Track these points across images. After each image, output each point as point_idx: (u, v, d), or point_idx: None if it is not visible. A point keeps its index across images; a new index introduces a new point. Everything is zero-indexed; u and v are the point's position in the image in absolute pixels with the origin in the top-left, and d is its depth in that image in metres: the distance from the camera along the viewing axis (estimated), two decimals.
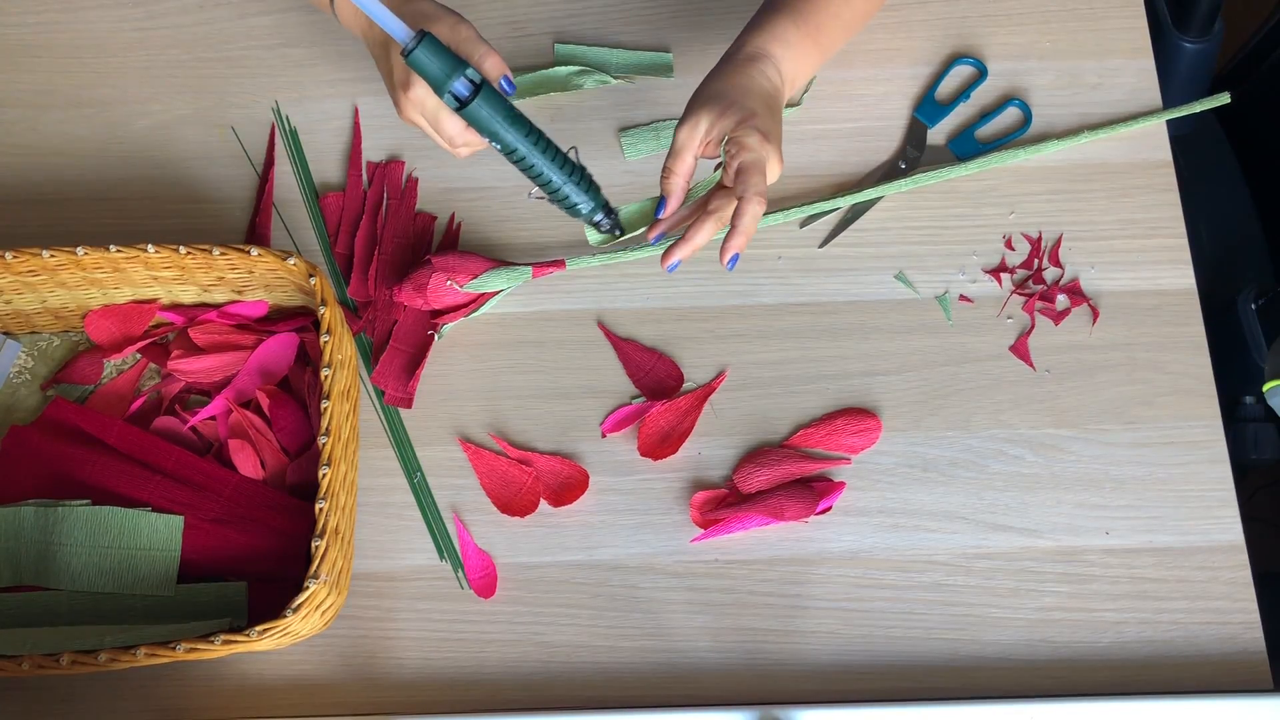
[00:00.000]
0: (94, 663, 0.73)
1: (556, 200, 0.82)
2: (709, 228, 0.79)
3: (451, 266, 0.90)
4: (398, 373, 0.91)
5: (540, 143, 0.79)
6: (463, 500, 0.88)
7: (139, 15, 1.04)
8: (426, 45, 0.74)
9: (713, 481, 0.88)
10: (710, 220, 0.78)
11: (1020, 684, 0.82)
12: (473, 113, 0.76)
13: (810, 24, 0.84)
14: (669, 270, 0.80)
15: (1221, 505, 0.86)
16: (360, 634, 0.85)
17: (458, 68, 0.75)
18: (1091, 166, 0.96)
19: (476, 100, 0.75)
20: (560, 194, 0.81)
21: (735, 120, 0.77)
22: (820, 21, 0.84)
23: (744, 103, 0.78)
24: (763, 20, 0.83)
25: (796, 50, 0.83)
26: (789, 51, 0.82)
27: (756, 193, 0.76)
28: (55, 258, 0.83)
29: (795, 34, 0.83)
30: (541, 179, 0.80)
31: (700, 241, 0.79)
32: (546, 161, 0.79)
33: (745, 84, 0.80)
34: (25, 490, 0.85)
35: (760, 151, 0.76)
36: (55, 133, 1.01)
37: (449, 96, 0.76)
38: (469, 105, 0.76)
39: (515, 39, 1.02)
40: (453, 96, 0.76)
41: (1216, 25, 1.15)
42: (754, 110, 0.78)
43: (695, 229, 0.79)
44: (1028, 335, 0.91)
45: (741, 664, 0.83)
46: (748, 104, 0.78)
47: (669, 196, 0.81)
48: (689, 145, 0.79)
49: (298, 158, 0.99)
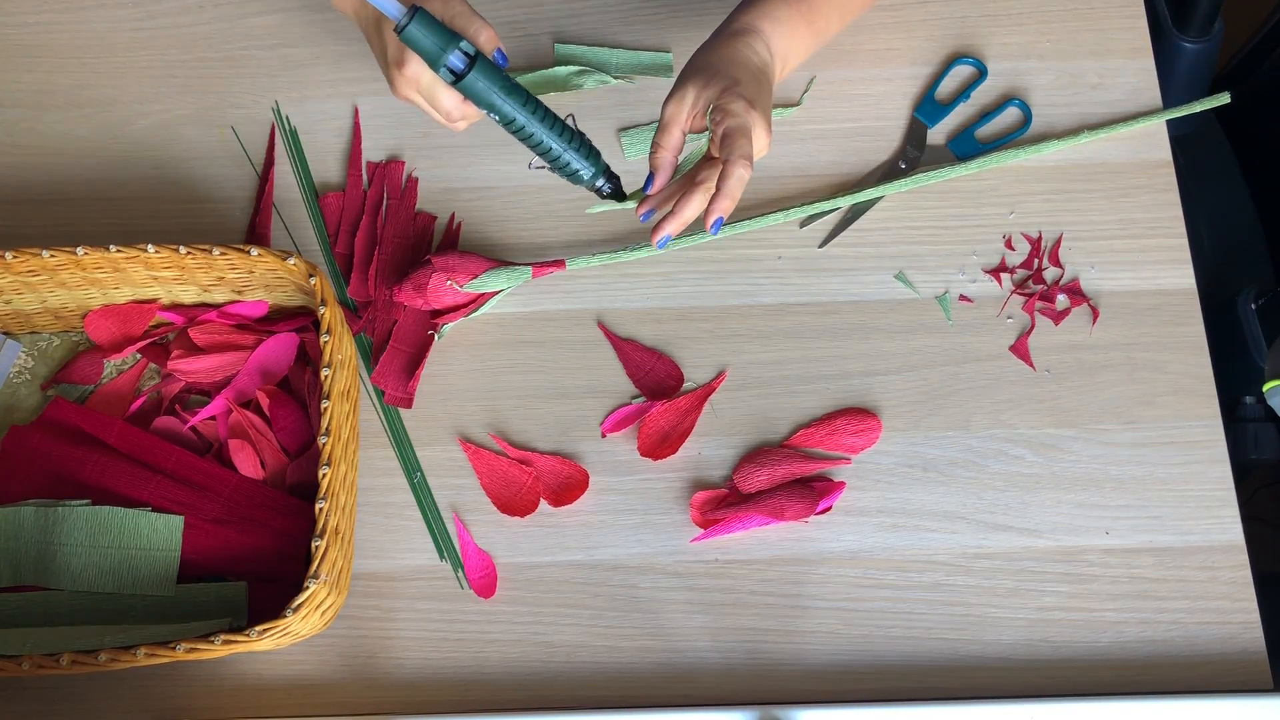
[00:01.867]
0: (94, 663, 0.73)
1: (558, 168, 0.81)
2: (697, 199, 0.78)
3: (451, 266, 0.90)
4: (398, 373, 0.91)
5: (538, 111, 0.78)
6: (463, 500, 0.88)
7: (139, 15, 1.04)
8: (420, 20, 0.74)
9: (713, 481, 0.88)
10: (698, 191, 0.78)
11: (1020, 684, 0.82)
12: (469, 85, 0.76)
13: (803, 3, 0.83)
14: (659, 246, 0.79)
15: (1221, 505, 0.86)
16: (360, 634, 0.85)
17: (452, 41, 0.75)
18: (1091, 166, 0.96)
19: (472, 73, 0.76)
20: (561, 161, 0.80)
21: (720, 89, 0.77)
22: (813, 2, 0.84)
23: (729, 72, 0.78)
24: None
25: (787, 27, 0.82)
26: (779, 28, 0.82)
27: (742, 155, 0.75)
28: (55, 258, 0.83)
29: (786, 11, 0.82)
30: (541, 147, 0.80)
31: (689, 215, 0.78)
32: (545, 129, 0.79)
33: (731, 55, 0.80)
34: (25, 490, 0.85)
35: (745, 117, 0.76)
36: (55, 133, 1.01)
37: (445, 70, 0.76)
38: (465, 78, 0.76)
39: (515, 39, 1.02)
40: (448, 70, 0.76)
41: (1216, 25, 1.15)
42: (738, 79, 0.78)
43: (684, 201, 0.78)
44: (1028, 335, 0.91)
45: (741, 664, 0.83)
46: (732, 73, 0.78)
47: (657, 171, 0.80)
48: (676, 119, 0.79)
49: (298, 158, 0.99)
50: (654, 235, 0.79)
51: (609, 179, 0.83)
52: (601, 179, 0.82)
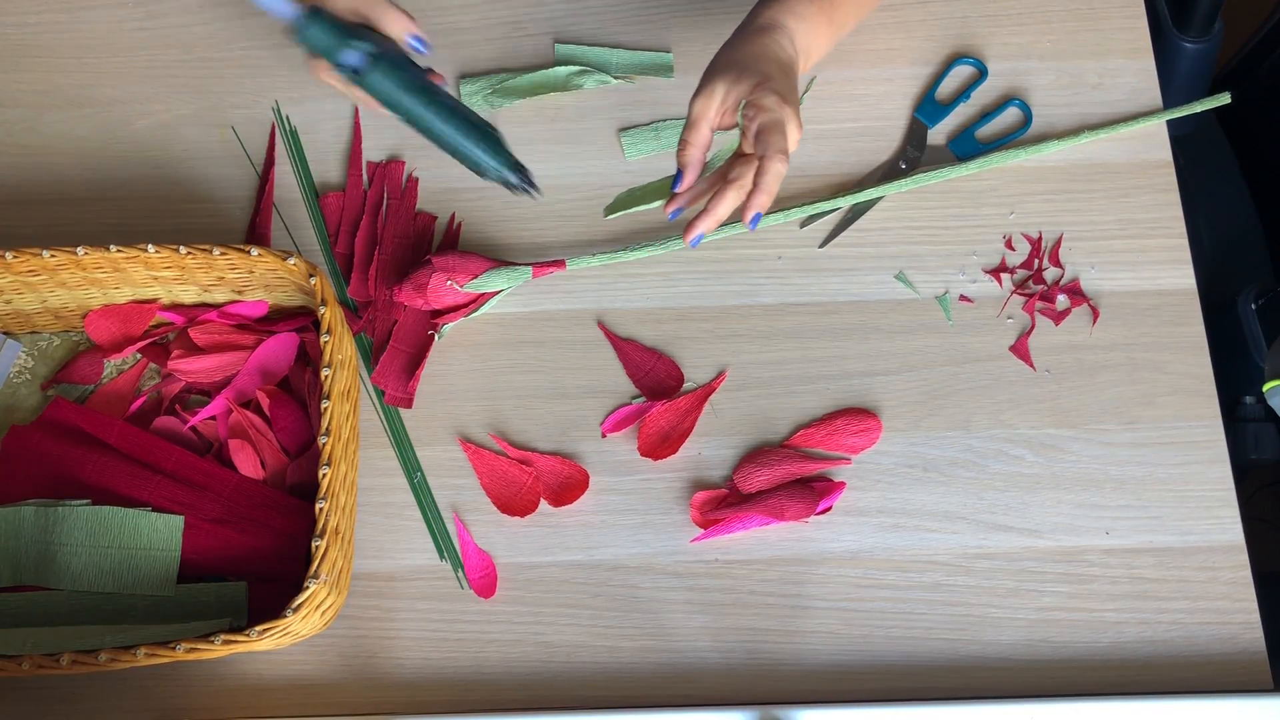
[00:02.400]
0: (94, 663, 0.73)
1: (469, 165, 0.82)
2: (731, 197, 0.77)
3: (451, 266, 0.90)
4: (398, 373, 0.91)
5: (442, 110, 0.79)
6: (463, 500, 0.88)
7: (139, 15, 1.04)
8: (314, 21, 0.77)
9: (713, 481, 0.88)
10: (733, 189, 0.76)
11: (1020, 684, 0.82)
12: (370, 84, 0.77)
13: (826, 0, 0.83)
14: (692, 244, 0.78)
15: (1221, 505, 0.86)
16: (360, 634, 0.85)
17: (345, 41, 0.76)
18: (1091, 166, 0.96)
19: (373, 72, 0.77)
20: (463, 156, 0.81)
21: (751, 84, 0.76)
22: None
23: (759, 68, 0.77)
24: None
25: (810, 24, 0.82)
26: (803, 24, 0.81)
27: (779, 150, 0.74)
28: (55, 258, 0.83)
29: (809, 8, 0.82)
30: (444, 143, 0.80)
31: (723, 213, 0.77)
32: (446, 126, 0.79)
33: (759, 51, 0.79)
34: (25, 490, 0.85)
35: (779, 112, 0.75)
36: (55, 133, 1.01)
37: (345, 69, 0.77)
38: (366, 76, 0.77)
39: (515, 39, 1.02)
40: (349, 68, 0.77)
41: (1216, 25, 1.15)
42: (769, 74, 0.77)
43: (717, 199, 0.77)
44: (1028, 335, 0.91)
45: (741, 664, 0.83)
46: (762, 69, 0.77)
47: (686, 169, 0.79)
48: (704, 115, 0.78)
49: (298, 158, 0.99)
50: (687, 233, 0.78)
51: (516, 171, 0.83)
52: (507, 172, 0.82)
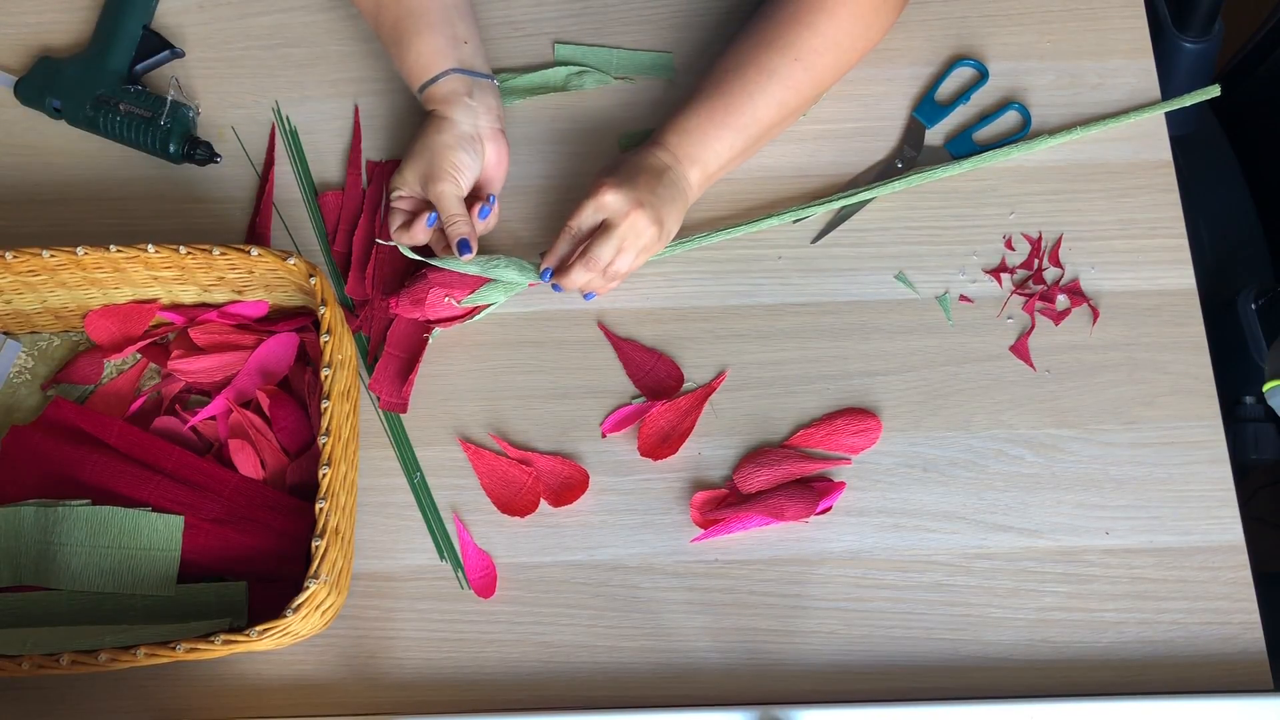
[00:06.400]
0: (94, 663, 0.73)
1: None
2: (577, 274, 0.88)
3: (449, 282, 0.90)
4: (392, 378, 0.91)
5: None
6: (463, 500, 0.88)
7: None
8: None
9: (713, 481, 0.88)
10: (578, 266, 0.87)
11: (1020, 684, 0.82)
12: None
13: (716, 109, 0.89)
14: (555, 289, 0.90)
15: (1221, 505, 0.86)
16: (360, 634, 0.85)
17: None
18: (1091, 166, 0.96)
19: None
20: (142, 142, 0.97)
21: (599, 182, 0.86)
22: (730, 103, 0.89)
23: (621, 171, 0.87)
24: (672, 111, 0.90)
25: (696, 135, 0.89)
26: (686, 137, 0.89)
27: (592, 256, 0.86)
28: (55, 258, 0.83)
29: (694, 121, 0.89)
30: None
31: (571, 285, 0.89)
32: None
33: (635, 160, 0.88)
34: (25, 490, 0.85)
35: (616, 212, 0.85)
36: (55, 133, 1.01)
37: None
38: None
39: (515, 39, 1.02)
40: None
41: (1216, 25, 1.15)
42: (623, 175, 0.86)
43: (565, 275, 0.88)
44: (1028, 335, 0.91)
45: (741, 664, 0.83)
46: (623, 171, 0.87)
47: (549, 252, 0.89)
48: (568, 224, 0.88)
49: (298, 158, 0.99)
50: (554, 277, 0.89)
51: (190, 144, 0.97)
52: (177, 143, 0.97)
